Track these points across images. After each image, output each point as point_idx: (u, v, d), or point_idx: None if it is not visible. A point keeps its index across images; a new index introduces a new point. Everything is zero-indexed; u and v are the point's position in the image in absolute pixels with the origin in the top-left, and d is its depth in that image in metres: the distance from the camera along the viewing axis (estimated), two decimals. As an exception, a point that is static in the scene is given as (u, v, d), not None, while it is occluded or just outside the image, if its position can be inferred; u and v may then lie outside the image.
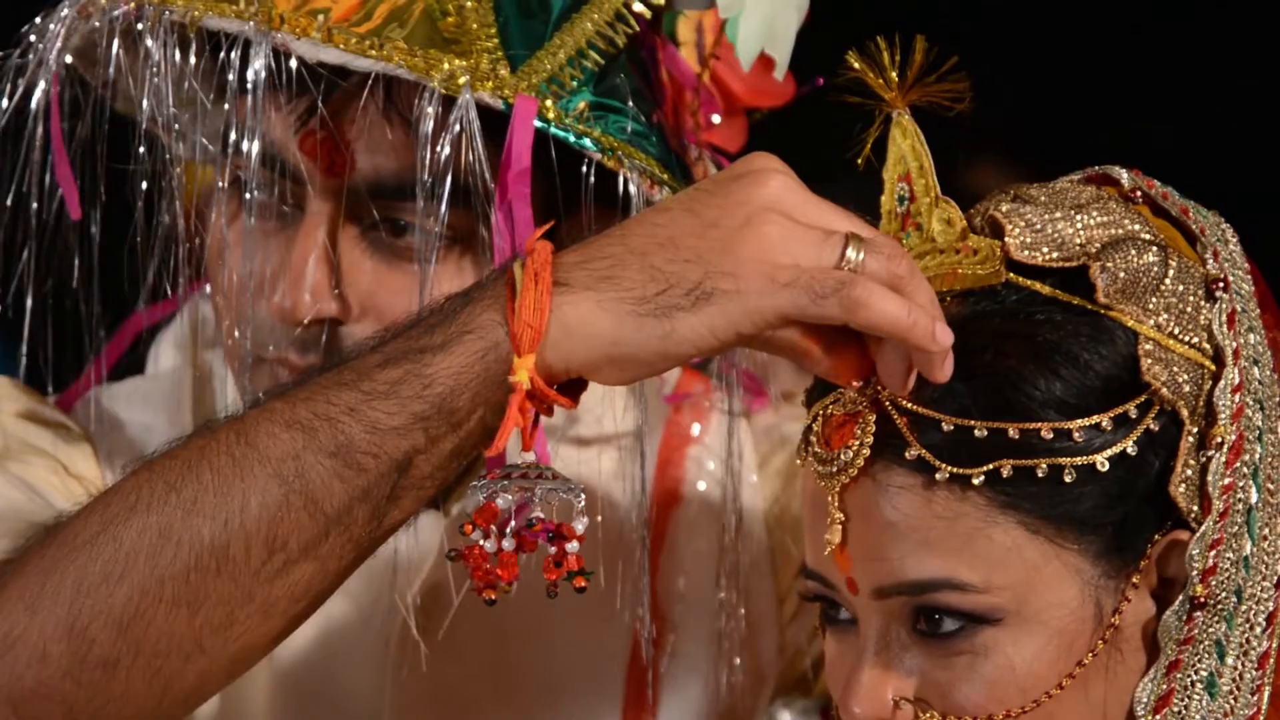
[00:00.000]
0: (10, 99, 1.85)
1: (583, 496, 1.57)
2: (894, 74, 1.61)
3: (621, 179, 1.84)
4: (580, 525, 1.55)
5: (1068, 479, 1.54)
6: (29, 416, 1.96)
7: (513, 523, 1.56)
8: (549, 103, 1.82)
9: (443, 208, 1.81)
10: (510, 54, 1.83)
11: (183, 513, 1.58)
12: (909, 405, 1.57)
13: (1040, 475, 1.55)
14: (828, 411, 1.62)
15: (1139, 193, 1.65)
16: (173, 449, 1.62)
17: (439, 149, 1.79)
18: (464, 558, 1.55)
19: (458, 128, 1.79)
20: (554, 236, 1.69)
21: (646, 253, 1.55)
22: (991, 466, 1.55)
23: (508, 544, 1.54)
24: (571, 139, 1.83)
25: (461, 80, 1.79)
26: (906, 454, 1.56)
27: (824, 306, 1.52)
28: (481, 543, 1.54)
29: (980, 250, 1.59)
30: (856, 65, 1.62)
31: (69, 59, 1.82)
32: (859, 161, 1.64)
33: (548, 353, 1.54)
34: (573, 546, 1.54)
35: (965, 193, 1.64)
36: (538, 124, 1.80)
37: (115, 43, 1.81)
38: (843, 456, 1.59)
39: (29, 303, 1.88)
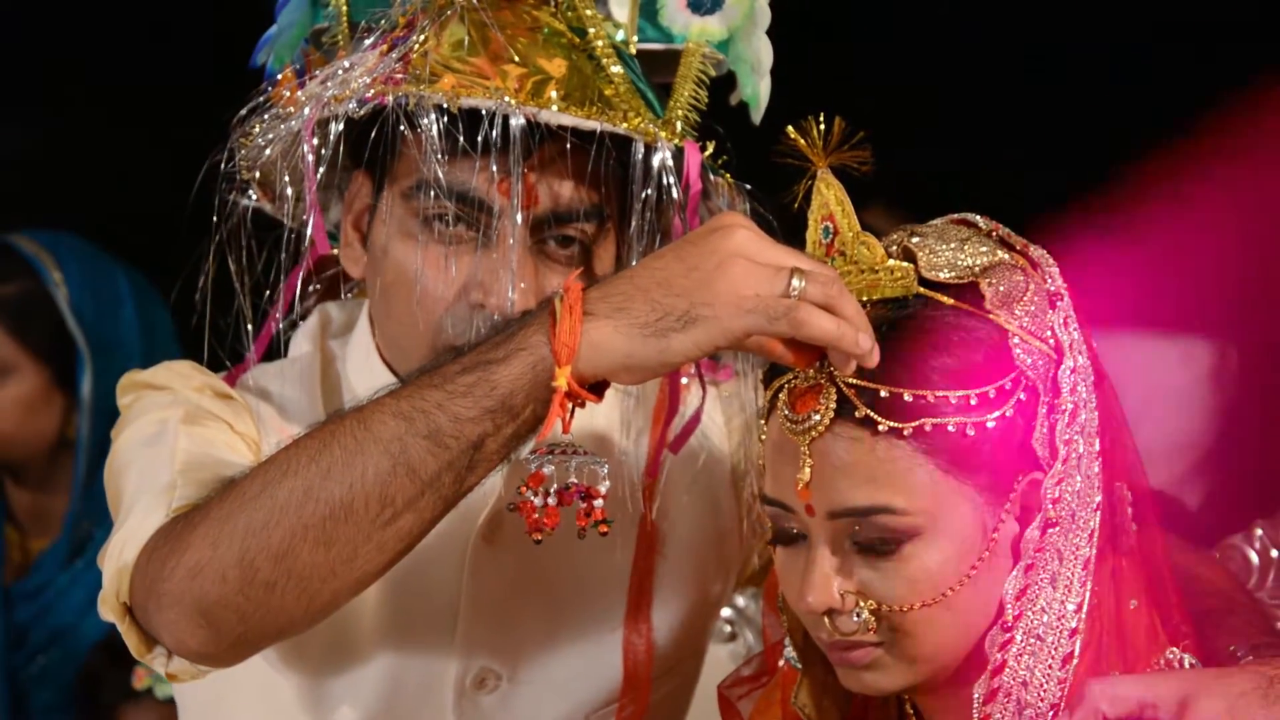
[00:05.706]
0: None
1: (605, 467, 1.79)
2: (820, 143, 1.81)
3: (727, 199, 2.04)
4: (603, 487, 1.79)
5: (970, 434, 1.75)
6: (206, 389, 2.10)
7: (555, 485, 1.78)
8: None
9: (634, 222, 2.00)
10: (653, 111, 2.01)
11: (320, 478, 1.80)
12: (855, 380, 1.76)
13: (950, 430, 1.75)
14: (791, 385, 1.79)
15: (995, 233, 1.85)
16: (312, 431, 1.84)
17: (644, 183, 1.98)
18: (519, 509, 1.79)
19: (657, 166, 1.98)
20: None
21: (648, 289, 1.77)
22: (918, 422, 1.75)
23: (551, 500, 1.78)
24: (715, 174, 2.02)
25: (658, 134, 1.99)
26: (856, 414, 1.75)
27: (777, 326, 1.74)
28: (532, 499, 1.78)
29: (897, 270, 1.79)
30: (793, 136, 1.82)
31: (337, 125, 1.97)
32: (794, 206, 1.85)
33: (580, 364, 1.76)
34: (598, 503, 1.79)
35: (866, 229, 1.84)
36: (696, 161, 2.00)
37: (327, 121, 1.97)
38: (813, 417, 1.75)
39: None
